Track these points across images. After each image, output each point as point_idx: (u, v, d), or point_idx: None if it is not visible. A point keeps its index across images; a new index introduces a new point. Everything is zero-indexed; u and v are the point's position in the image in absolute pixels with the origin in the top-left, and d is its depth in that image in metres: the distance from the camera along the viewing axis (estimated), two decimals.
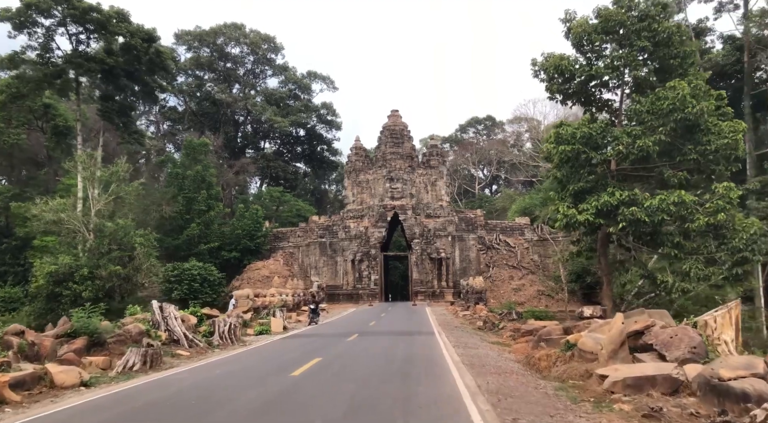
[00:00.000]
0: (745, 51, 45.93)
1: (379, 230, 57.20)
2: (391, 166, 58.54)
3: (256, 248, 56.57)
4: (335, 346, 18.46)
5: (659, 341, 10.45)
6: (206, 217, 54.41)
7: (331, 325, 29.63)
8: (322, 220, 61.03)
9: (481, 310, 37.30)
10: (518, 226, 59.74)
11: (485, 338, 23.83)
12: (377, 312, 39.83)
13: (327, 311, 41.55)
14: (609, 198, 21.58)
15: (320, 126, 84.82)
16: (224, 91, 76.20)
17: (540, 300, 49.86)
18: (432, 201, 59.60)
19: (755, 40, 45.84)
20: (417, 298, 54.21)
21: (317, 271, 59.34)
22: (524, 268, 53.22)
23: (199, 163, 55.69)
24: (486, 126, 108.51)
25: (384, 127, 61.05)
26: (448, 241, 58.14)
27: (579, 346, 12.18)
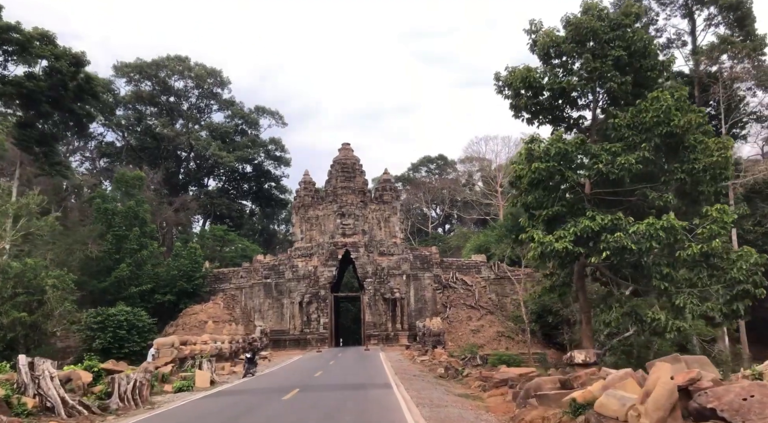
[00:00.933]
0: (695, 85, 45.38)
1: (330, 269, 53.10)
2: (343, 201, 55.03)
3: (193, 291, 51.33)
4: (266, 409, 14.35)
5: (726, 405, 7.06)
6: (138, 256, 49.07)
7: (270, 376, 25.22)
8: (267, 260, 56.47)
9: (440, 355, 33.56)
10: (474, 264, 56.82)
11: (450, 390, 20.07)
12: (326, 359, 35.47)
13: (269, 360, 36.85)
14: (590, 223, 18.61)
15: (268, 162, 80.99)
16: (166, 125, 71.66)
17: (500, 342, 46.51)
18: (385, 238, 56.16)
19: (706, 75, 45.43)
20: (370, 342, 49.94)
21: (261, 315, 54.39)
22: (482, 307, 50.00)
23: (132, 197, 50.66)
24: (438, 165, 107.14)
25: (335, 161, 57.78)
26: (402, 280, 54.52)
27: (597, 410, 8.66)
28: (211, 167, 76.90)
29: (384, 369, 26.97)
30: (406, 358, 35.61)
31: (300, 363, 33.63)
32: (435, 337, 40.20)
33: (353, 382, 20.75)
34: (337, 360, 34.55)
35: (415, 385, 19.99)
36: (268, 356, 37.48)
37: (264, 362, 35.16)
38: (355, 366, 29.54)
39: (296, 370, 27.99)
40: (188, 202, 68.00)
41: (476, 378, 23.01)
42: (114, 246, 48.56)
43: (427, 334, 42.53)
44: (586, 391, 9.85)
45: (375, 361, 32.30)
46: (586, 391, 9.78)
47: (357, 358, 36.62)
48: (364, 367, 28.84)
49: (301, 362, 34.21)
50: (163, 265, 51.49)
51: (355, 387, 18.86)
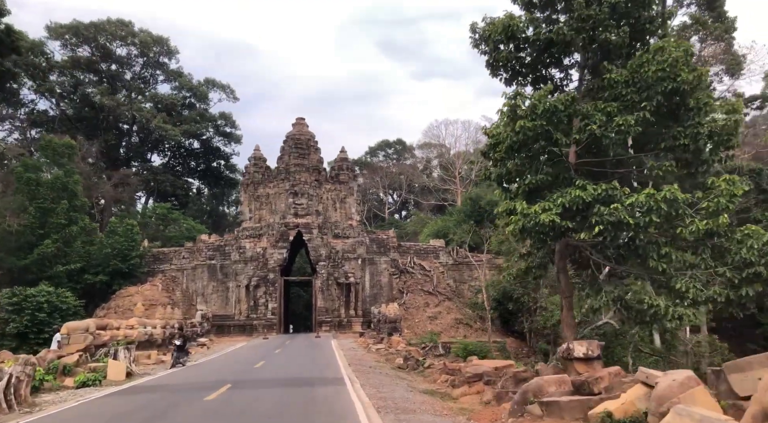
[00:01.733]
0: None
1: (280, 251, 49.30)
2: (296, 179, 51.18)
3: (129, 271, 46.61)
4: (184, 411, 10.87)
5: None
6: (66, 232, 44.01)
7: (203, 367, 21.54)
8: (212, 240, 52.15)
9: (397, 343, 30.53)
10: (433, 249, 54.10)
11: (413, 385, 16.98)
12: (272, 347, 31.91)
13: (207, 347, 33.01)
14: (581, 193, 15.73)
15: (217, 139, 75.98)
16: (106, 93, 65.65)
17: (458, 329, 43.97)
18: (341, 220, 52.70)
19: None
20: (321, 329, 46.57)
21: (205, 299, 50.17)
22: (440, 293, 47.32)
23: (62, 167, 45.40)
24: (396, 150, 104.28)
25: (288, 136, 53.75)
26: (357, 264, 51.28)
27: None
28: (155, 141, 71.35)
29: (336, 359, 23.71)
30: (360, 347, 32.44)
31: (242, 351, 29.97)
32: (391, 324, 37.21)
33: (299, 375, 17.38)
34: (284, 348, 31.06)
35: (372, 379, 16.79)
36: (207, 343, 33.63)
37: (201, 350, 31.34)
38: (304, 355, 26.15)
39: (235, 360, 24.38)
40: (129, 178, 62.55)
41: (441, 370, 20.02)
42: (38, 220, 43.37)
43: (382, 321, 39.51)
44: (625, 402, 6.83)
45: (326, 350, 29.00)
46: (627, 403, 6.76)
47: (306, 346, 33.23)
48: (313, 356, 25.49)
49: (244, 350, 30.55)
50: (96, 243, 46.50)
51: (300, 382, 15.50)
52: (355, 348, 31.37)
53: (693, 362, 25.24)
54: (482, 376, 15.16)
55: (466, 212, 61.13)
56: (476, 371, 15.50)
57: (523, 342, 43.90)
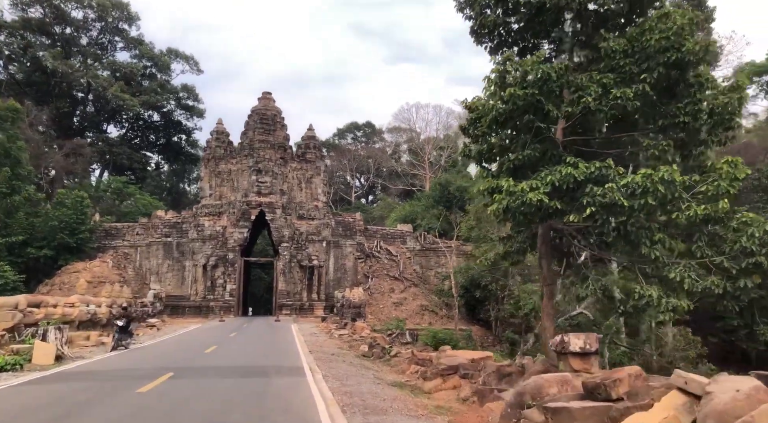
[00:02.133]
0: None
1: (240, 231, 46.95)
2: (260, 156, 48.72)
3: (77, 246, 43.55)
4: (107, 407, 8.94)
5: None
6: (7, 202, 40.69)
7: (147, 351, 19.41)
8: (169, 216, 49.35)
9: (362, 329, 28.86)
10: (400, 234, 52.57)
11: (380, 376, 15.35)
12: (227, 330, 29.85)
13: (158, 328, 30.71)
14: (572, 170, 14.26)
15: (179, 112, 72.45)
16: (58, 57, 61.40)
17: (423, 316, 42.66)
18: (306, 200, 50.57)
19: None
20: (282, 313, 44.62)
21: (159, 278, 47.50)
22: (407, 279, 45.89)
23: (4, 132, 41.88)
24: (365, 133, 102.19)
25: (253, 111, 51.12)
26: (322, 246, 49.35)
27: None
28: (112, 112, 67.40)
29: (296, 345, 21.91)
30: (321, 332, 30.67)
31: (194, 334, 27.84)
32: (355, 308, 35.54)
33: (253, 363, 15.52)
34: (241, 331, 29.05)
35: (335, 369, 15.07)
36: (157, 324, 31.31)
37: (150, 331, 29.06)
38: (261, 340, 24.24)
39: (185, 344, 22.30)
40: (82, 148, 58.78)
41: (409, 360, 18.44)
42: None
43: (346, 306, 37.80)
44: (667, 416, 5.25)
45: (286, 335, 27.15)
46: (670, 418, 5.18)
47: (265, 329, 31.29)
48: (271, 341, 23.62)
49: (197, 333, 28.42)
50: (42, 215, 43.24)
51: (254, 372, 13.66)
52: (316, 333, 29.60)
53: (667, 356, 24.41)
54: (458, 368, 13.61)
55: (435, 198, 59.81)
56: (451, 363, 13.93)
57: (489, 331, 42.89)
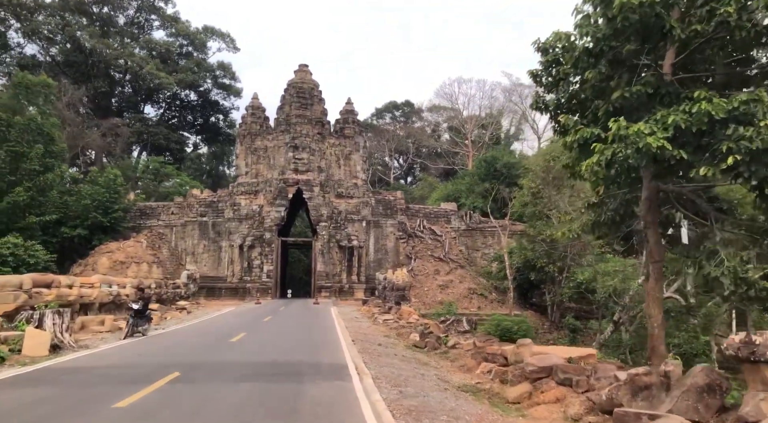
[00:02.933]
0: None
1: (277, 209, 44.08)
2: (297, 132, 45.60)
3: (111, 225, 41.45)
4: None
5: None
6: (41, 180, 38.69)
7: (164, 339, 16.46)
8: (204, 195, 46.90)
9: (409, 314, 25.47)
10: (444, 213, 48.85)
11: (444, 375, 11.88)
12: (262, 313, 26.94)
13: (188, 311, 28.02)
14: (707, 106, 10.32)
15: (216, 92, 70.02)
16: (95, 36, 59.51)
17: (471, 300, 39.01)
18: (345, 178, 47.30)
19: None
20: (321, 295, 41.72)
21: (195, 258, 45.20)
22: (452, 260, 42.25)
23: (36, 108, 39.87)
24: (404, 112, 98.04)
25: (289, 85, 47.95)
26: (362, 226, 46.12)
27: None
28: (149, 91, 65.43)
29: (336, 332, 18.67)
30: (364, 316, 27.43)
31: (225, 318, 24.98)
32: (399, 291, 32.19)
33: (285, 358, 12.27)
34: (276, 315, 26.07)
35: (387, 367, 11.66)
36: (188, 307, 28.64)
37: (180, 315, 26.37)
38: (297, 326, 21.12)
39: (210, 330, 19.32)
40: (118, 127, 56.92)
41: (472, 354, 14.98)
42: (8, 165, 37.99)
43: (388, 288, 34.53)
44: None
45: (325, 320, 24.01)
46: None
47: (302, 313, 28.27)
48: (309, 328, 20.46)
49: (228, 317, 25.57)
50: (75, 194, 41.25)
51: (283, 371, 10.40)
52: (358, 318, 26.37)
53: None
54: (552, 371, 10.03)
55: (480, 175, 55.68)
56: (542, 363, 10.33)
57: (543, 316, 38.96)
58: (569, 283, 33.78)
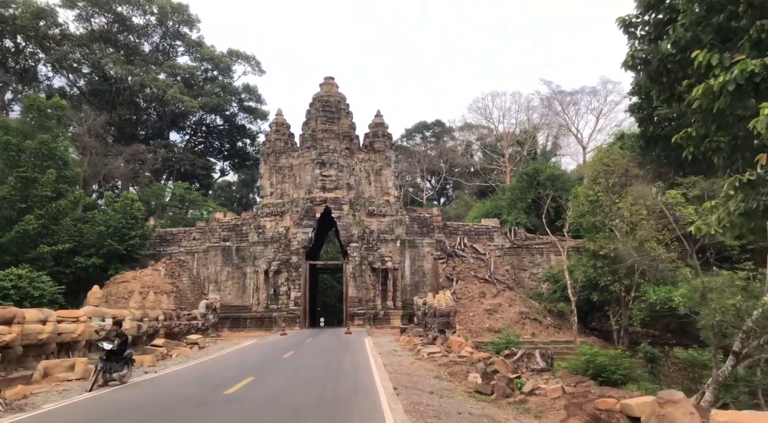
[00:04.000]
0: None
1: (304, 231, 40.05)
2: (323, 147, 41.81)
3: (127, 253, 38.04)
4: None
5: None
6: (53, 207, 35.66)
7: (143, 390, 12.16)
8: (227, 219, 43.28)
9: (459, 345, 20.70)
10: (485, 229, 44.01)
11: None
12: (284, 347, 22.55)
13: (200, 346, 23.82)
14: None
15: (242, 116, 67.36)
16: (118, 62, 57.59)
17: (524, 325, 33.82)
18: (376, 195, 43.12)
19: None
20: (353, 323, 37.21)
21: (218, 287, 41.35)
22: (499, 281, 37.23)
23: (48, 131, 37.11)
24: (434, 132, 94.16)
25: (315, 99, 44.42)
26: (396, 246, 41.67)
27: None
28: (174, 117, 63.07)
29: (372, 374, 14.12)
30: (404, 349, 22.76)
31: (239, 355, 20.66)
32: (442, 318, 27.37)
33: None
34: (300, 349, 21.64)
35: None
36: (199, 341, 24.44)
37: (190, 351, 22.19)
38: (322, 365, 16.59)
39: (211, 375, 14.93)
40: (141, 154, 54.29)
41: (564, 403, 10.28)
42: (18, 192, 35.06)
43: (429, 314, 29.75)
44: None
45: (357, 355, 19.47)
46: None
47: (331, 346, 23.76)
48: (337, 367, 15.93)
49: (242, 353, 21.26)
50: (89, 220, 38.08)
51: None
52: (397, 351, 21.72)
53: None
54: None
55: (522, 189, 50.73)
56: None
57: (608, 342, 33.45)
58: (640, 303, 28.48)
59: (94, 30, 62.27)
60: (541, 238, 43.47)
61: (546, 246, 42.81)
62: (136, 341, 21.57)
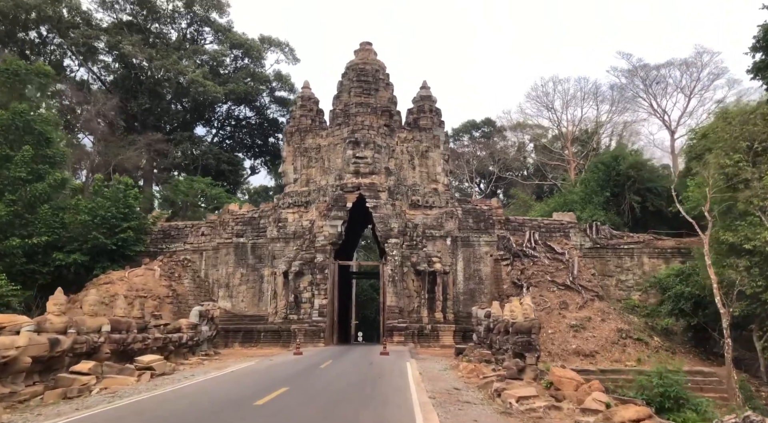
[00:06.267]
0: None
1: (333, 223, 31.64)
2: (357, 124, 33.48)
3: (117, 249, 30.50)
4: None
5: None
6: (28, 191, 28.61)
7: None
8: (243, 210, 35.41)
9: (575, 387, 11.52)
10: (559, 225, 34.45)
11: None
12: (276, 381, 13.91)
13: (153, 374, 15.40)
14: None
15: (274, 109, 60.16)
16: (144, 51, 51.27)
17: (624, 348, 24.03)
18: (421, 182, 34.40)
19: None
20: (392, 340, 28.35)
21: (229, 292, 33.36)
22: (586, 288, 27.55)
23: (26, 100, 30.28)
24: (484, 133, 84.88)
25: (348, 67, 36.27)
26: (446, 245, 32.73)
27: None
28: (199, 109, 56.36)
29: None
30: (469, 384, 13.75)
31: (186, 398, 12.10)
32: (521, 336, 18.03)
33: None
34: (299, 385, 12.94)
35: None
36: (155, 366, 15.92)
37: (130, 383, 13.85)
38: None
39: None
40: (159, 143, 47.36)
41: None
42: None
43: (497, 331, 20.57)
44: None
45: (394, 398, 10.69)
46: None
47: (355, 378, 14.93)
48: None
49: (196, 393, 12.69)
50: (70, 209, 30.82)
51: None
52: (460, 390, 12.74)
53: None
54: None
55: (598, 181, 40.91)
56: None
57: (738, 371, 23.36)
58: None
59: (118, 18, 56.66)
60: (631, 236, 33.59)
61: (638, 246, 32.90)
62: (51, 363, 13.46)
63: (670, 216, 38.73)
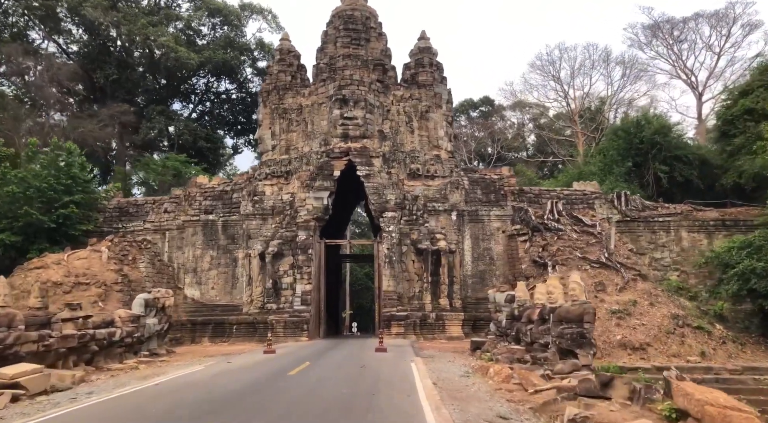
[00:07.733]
0: None
1: (318, 195, 26.11)
2: (346, 78, 27.85)
3: (58, 227, 24.84)
4: None
5: None
6: None
7: None
8: (213, 183, 29.80)
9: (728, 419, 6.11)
10: (581, 196, 29.03)
11: None
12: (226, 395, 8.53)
13: (25, 393, 9.98)
14: None
15: (257, 83, 54.18)
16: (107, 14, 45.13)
17: (683, 340, 18.73)
18: (421, 148, 28.86)
19: None
20: (389, 332, 23.02)
21: (197, 278, 27.81)
22: (626, 266, 22.20)
23: None
24: (482, 112, 79.36)
25: (334, 15, 30.56)
26: (450, 220, 27.30)
27: None
28: (174, 81, 50.39)
29: None
30: (519, 408, 8.39)
31: None
32: (570, 326, 12.68)
33: None
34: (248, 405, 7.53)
35: None
36: (23, 384, 10.50)
37: None
38: None
39: None
40: (124, 115, 41.43)
41: None
42: None
43: (529, 320, 15.24)
44: None
45: None
46: None
47: (338, 392, 9.54)
48: None
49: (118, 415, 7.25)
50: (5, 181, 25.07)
51: None
52: (508, 420, 7.36)
53: None
54: None
55: (619, 149, 35.59)
56: None
57: None
58: None
59: None
60: (666, 206, 28.28)
61: (675, 219, 27.59)
62: None
63: (703, 186, 33.63)
